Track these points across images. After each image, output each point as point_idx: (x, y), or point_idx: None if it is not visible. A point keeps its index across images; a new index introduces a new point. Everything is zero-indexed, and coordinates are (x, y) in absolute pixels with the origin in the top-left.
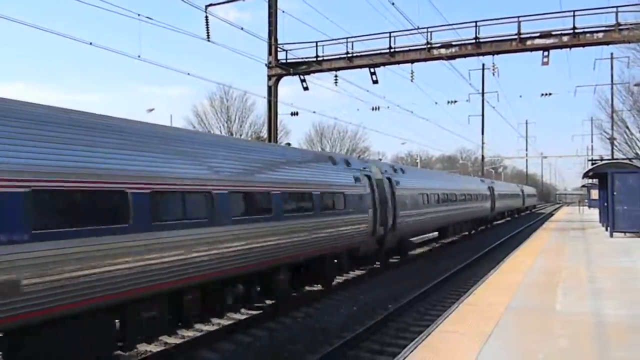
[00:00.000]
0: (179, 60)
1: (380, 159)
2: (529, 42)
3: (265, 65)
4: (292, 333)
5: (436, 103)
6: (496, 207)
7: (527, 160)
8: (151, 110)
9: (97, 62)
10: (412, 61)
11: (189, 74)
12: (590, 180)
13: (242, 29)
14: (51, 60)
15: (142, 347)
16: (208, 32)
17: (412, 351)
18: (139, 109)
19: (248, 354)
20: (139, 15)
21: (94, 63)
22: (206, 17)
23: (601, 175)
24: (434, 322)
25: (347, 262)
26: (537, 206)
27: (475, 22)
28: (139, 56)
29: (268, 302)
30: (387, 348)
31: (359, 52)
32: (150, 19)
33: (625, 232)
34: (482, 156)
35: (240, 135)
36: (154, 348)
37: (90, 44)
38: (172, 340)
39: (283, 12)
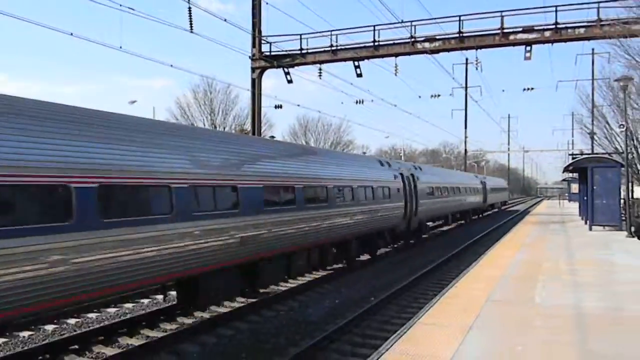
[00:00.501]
0: (163, 52)
1: (364, 153)
2: (511, 37)
3: (249, 57)
4: (274, 326)
5: (420, 97)
6: (420, 213)
7: (509, 154)
8: (133, 102)
9: (79, 53)
10: (396, 55)
11: (171, 65)
12: (570, 175)
13: (225, 20)
14: (32, 51)
15: (124, 341)
16: (191, 24)
17: (393, 344)
18: (122, 100)
19: (230, 347)
20: (120, 5)
21: (75, 55)
22: (189, 8)
23: (581, 169)
24: (415, 314)
25: None
26: (508, 202)
27: (459, 16)
28: (120, 47)
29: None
30: (369, 340)
31: (343, 45)
32: (132, 9)
33: (604, 226)
34: (465, 150)
35: (224, 128)
36: (135, 341)
37: (71, 34)
38: (154, 334)
39: (267, 3)
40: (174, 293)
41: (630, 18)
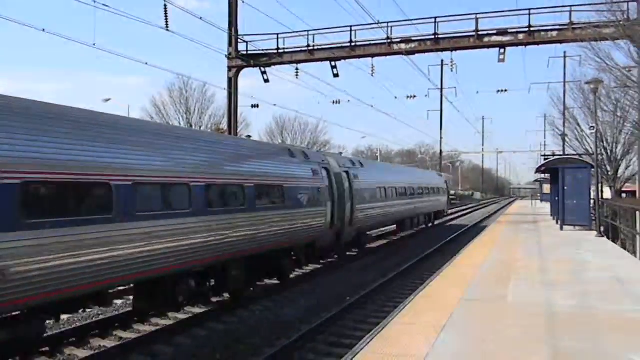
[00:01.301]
0: (138, 50)
1: (341, 153)
2: (486, 39)
3: (226, 56)
4: (249, 326)
5: (396, 98)
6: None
7: (483, 155)
8: (107, 100)
9: (52, 50)
10: (373, 55)
11: (146, 63)
12: (542, 175)
13: (200, 18)
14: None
15: (96, 342)
16: (167, 21)
17: (368, 343)
18: (95, 98)
19: (205, 348)
20: (94, 2)
21: (48, 51)
22: (165, 5)
23: (553, 170)
24: (390, 314)
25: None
26: (445, 212)
27: (435, 18)
28: (94, 44)
29: (226, 296)
30: (344, 340)
31: (320, 45)
32: (107, 6)
33: (574, 226)
34: (440, 151)
35: (200, 127)
36: (108, 343)
37: (43, 30)
38: (127, 335)
39: (243, 2)
40: None
41: (601, 22)
